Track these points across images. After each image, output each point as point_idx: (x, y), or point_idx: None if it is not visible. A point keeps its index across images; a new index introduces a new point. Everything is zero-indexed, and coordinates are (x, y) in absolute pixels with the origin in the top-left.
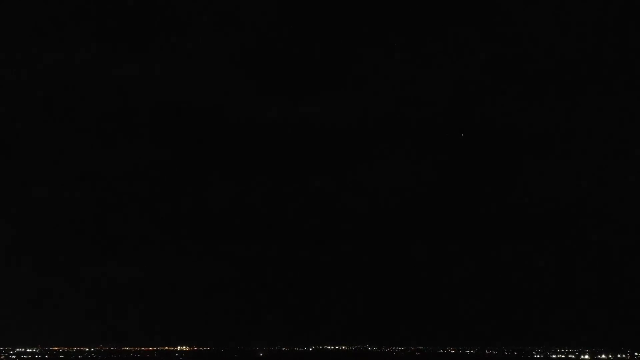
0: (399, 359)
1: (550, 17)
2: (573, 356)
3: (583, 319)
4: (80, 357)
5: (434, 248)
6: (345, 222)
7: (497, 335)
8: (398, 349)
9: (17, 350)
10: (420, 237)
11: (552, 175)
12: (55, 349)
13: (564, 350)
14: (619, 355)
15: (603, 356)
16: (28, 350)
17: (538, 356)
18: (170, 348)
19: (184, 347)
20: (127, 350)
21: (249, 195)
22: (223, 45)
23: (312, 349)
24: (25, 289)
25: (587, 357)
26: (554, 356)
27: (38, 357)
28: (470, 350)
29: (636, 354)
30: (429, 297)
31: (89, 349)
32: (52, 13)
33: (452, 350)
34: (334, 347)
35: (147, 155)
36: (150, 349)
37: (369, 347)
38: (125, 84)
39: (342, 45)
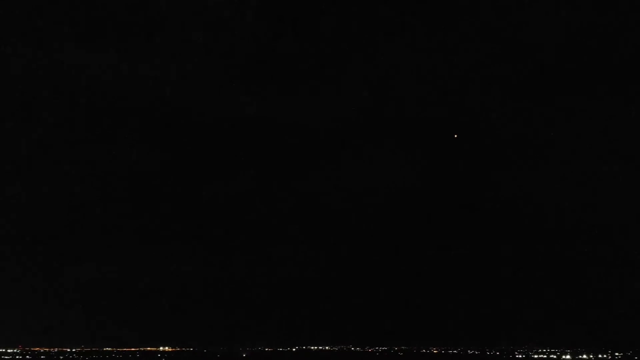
0: (382, 359)
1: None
2: (555, 356)
3: (565, 319)
4: (61, 357)
5: (417, 249)
6: (327, 222)
7: (479, 335)
8: (381, 349)
9: None
10: (403, 238)
11: (533, 179)
12: (36, 349)
13: (546, 350)
14: (599, 356)
15: (584, 356)
16: (9, 350)
17: (520, 356)
18: (153, 349)
19: (166, 348)
20: (109, 350)
21: (231, 195)
22: (204, 44)
23: (296, 349)
24: (4, 289)
25: (568, 357)
26: (535, 356)
27: (19, 358)
28: (452, 350)
29: (617, 354)
30: (411, 297)
31: (71, 349)
32: (31, 12)
33: (435, 350)
34: (318, 348)
35: (127, 154)
36: (133, 349)
37: (352, 347)
38: (105, 83)
39: (327, 44)
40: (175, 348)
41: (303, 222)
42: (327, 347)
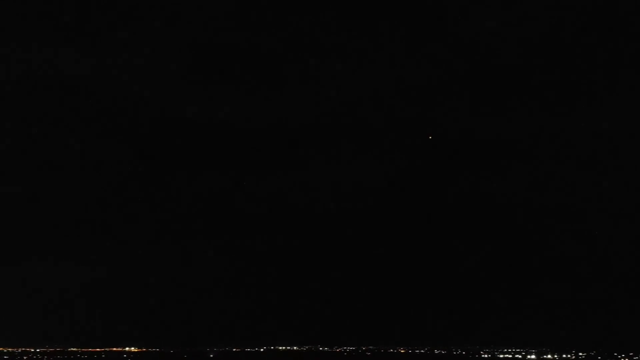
0: (350, 359)
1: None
2: (520, 356)
3: (530, 319)
4: (25, 357)
5: (385, 249)
6: (295, 222)
7: (446, 335)
8: (349, 349)
9: None
10: (372, 238)
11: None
12: None
13: (511, 350)
14: (564, 355)
15: (549, 356)
16: None
17: (486, 356)
18: (118, 349)
19: (132, 349)
20: (74, 351)
21: (196, 194)
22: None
23: (263, 349)
24: None
25: (533, 356)
26: (501, 356)
27: None
28: (419, 350)
29: (581, 354)
30: (379, 297)
31: (34, 349)
32: None
33: (402, 350)
34: (285, 348)
35: (94, 151)
36: (98, 350)
37: (320, 347)
38: (72, 81)
39: (299, 42)
40: (142, 348)
41: (270, 222)
42: (294, 347)
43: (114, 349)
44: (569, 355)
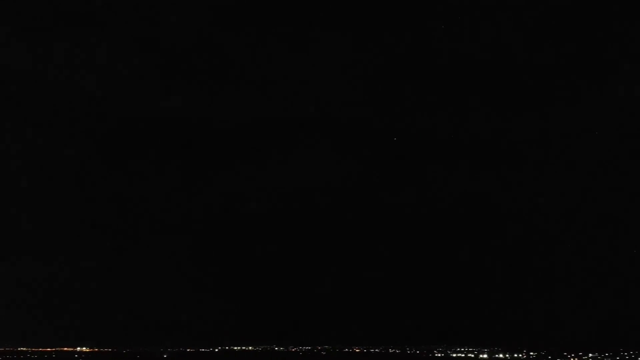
0: (305, 359)
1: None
2: (472, 355)
3: (483, 318)
4: None
5: (341, 248)
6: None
7: (399, 335)
8: (304, 349)
9: None
10: (330, 237)
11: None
12: None
13: (464, 349)
14: (515, 355)
15: (500, 355)
16: None
17: (439, 355)
18: (69, 349)
19: (84, 348)
20: (24, 350)
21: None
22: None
23: (218, 350)
24: None
25: (485, 356)
26: (454, 355)
27: None
28: (374, 350)
29: (532, 353)
30: (332, 296)
31: None
32: None
33: (357, 349)
34: (241, 348)
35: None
36: (48, 349)
37: (275, 347)
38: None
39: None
40: (93, 348)
41: (226, 223)
42: (250, 347)
43: (65, 348)
44: (520, 355)
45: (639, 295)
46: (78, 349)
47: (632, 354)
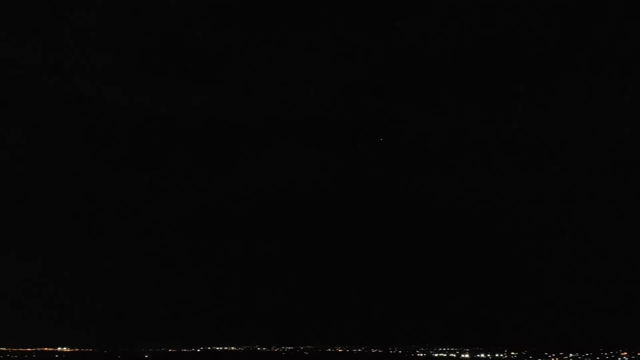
0: (288, 359)
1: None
2: (454, 355)
3: (463, 319)
4: None
5: (323, 247)
6: (230, 221)
7: (382, 334)
8: (287, 349)
9: None
10: (310, 236)
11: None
12: None
13: (446, 349)
14: (496, 355)
15: (482, 355)
16: None
17: (421, 355)
18: (50, 349)
19: (65, 348)
20: (4, 350)
21: (130, 192)
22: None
23: (200, 350)
24: None
25: (467, 355)
26: (435, 355)
27: None
28: (356, 350)
29: (513, 353)
30: (316, 295)
31: None
32: None
33: (340, 349)
34: (223, 348)
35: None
36: (29, 349)
37: (257, 347)
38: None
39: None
40: (74, 348)
41: (204, 221)
42: (232, 348)
43: (46, 348)
44: (501, 355)
45: (618, 296)
46: (59, 349)
47: (611, 354)
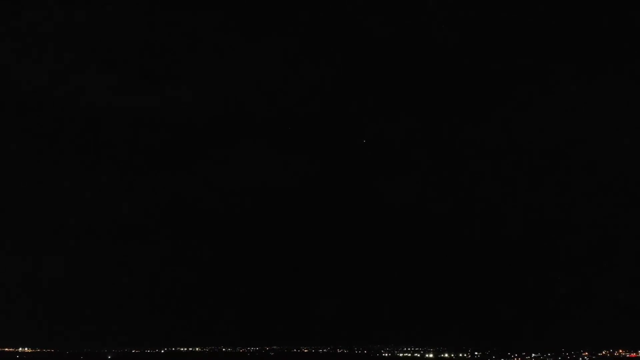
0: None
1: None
2: (418, 355)
3: (428, 319)
4: None
5: (291, 247)
6: (196, 221)
7: (347, 335)
8: (252, 350)
9: None
10: (275, 238)
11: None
12: None
13: (410, 349)
14: (460, 355)
15: (446, 355)
16: None
17: (386, 354)
18: (10, 349)
19: (26, 349)
20: None
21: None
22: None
23: (164, 351)
24: None
25: (431, 355)
26: (400, 355)
27: None
28: (322, 350)
29: (476, 353)
30: (280, 296)
31: None
32: None
33: (305, 349)
34: (187, 349)
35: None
36: None
37: (223, 348)
38: None
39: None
40: (35, 349)
41: (169, 222)
42: (197, 349)
43: (6, 349)
44: (465, 355)
45: (581, 295)
46: (20, 349)
47: (572, 354)
